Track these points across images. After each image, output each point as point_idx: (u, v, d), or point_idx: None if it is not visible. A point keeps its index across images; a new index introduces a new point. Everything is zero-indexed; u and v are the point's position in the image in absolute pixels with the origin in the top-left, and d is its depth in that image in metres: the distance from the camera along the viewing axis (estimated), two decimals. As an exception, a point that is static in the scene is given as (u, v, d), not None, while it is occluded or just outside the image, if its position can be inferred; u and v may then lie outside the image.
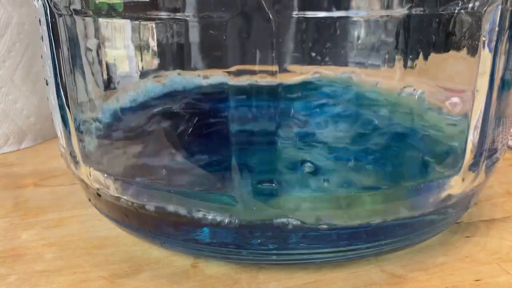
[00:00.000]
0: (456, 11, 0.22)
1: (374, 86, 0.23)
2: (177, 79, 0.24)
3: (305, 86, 0.23)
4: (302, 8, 0.20)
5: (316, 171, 0.23)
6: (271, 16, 0.20)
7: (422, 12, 0.21)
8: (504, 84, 0.25)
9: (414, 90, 0.23)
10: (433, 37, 0.22)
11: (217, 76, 0.22)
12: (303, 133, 0.23)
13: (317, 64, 0.23)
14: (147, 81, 0.24)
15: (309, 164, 0.22)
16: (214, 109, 0.24)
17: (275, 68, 0.21)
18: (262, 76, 0.21)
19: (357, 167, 0.23)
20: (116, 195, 0.25)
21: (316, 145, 0.23)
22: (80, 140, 0.26)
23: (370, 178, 0.24)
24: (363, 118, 0.24)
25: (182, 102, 0.24)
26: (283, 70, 0.21)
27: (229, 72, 0.21)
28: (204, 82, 0.24)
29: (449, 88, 0.24)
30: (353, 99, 0.25)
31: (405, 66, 0.22)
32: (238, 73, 0.21)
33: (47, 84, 0.28)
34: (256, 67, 0.21)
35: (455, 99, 0.24)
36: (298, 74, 0.23)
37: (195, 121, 0.24)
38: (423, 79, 0.23)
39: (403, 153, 0.24)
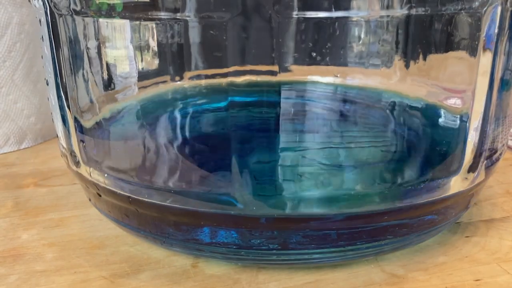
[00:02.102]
0: (456, 11, 0.22)
1: (373, 86, 0.23)
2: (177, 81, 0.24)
3: (305, 86, 0.23)
4: (302, 8, 0.20)
5: (315, 171, 0.23)
6: (271, 16, 0.20)
7: (422, 12, 0.21)
8: (504, 84, 0.25)
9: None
10: (433, 37, 0.22)
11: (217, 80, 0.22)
12: (304, 132, 0.23)
13: (317, 64, 0.23)
14: (147, 82, 0.24)
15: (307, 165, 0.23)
16: (214, 109, 0.24)
17: (275, 68, 0.21)
18: (263, 76, 0.21)
19: (357, 167, 0.24)
20: (115, 193, 0.25)
21: (315, 145, 0.23)
22: (80, 140, 0.26)
23: (370, 178, 0.24)
24: (363, 118, 0.24)
25: (182, 102, 0.24)
26: (283, 70, 0.21)
27: (229, 72, 0.21)
28: (204, 83, 0.24)
29: (449, 88, 0.24)
30: (352, 100, 0.25)
31: (405, 66, 0.22)
32: (238, 73, 0.21)
33: (47, 84, 0.28)
34: (257, 67, 0.21)
35: (455, 99, 0.24)
36: (299, 74, 0.23)
37: (195, 121, 0.24)
38: (423, 79, 0.23)
39: (403, 153, 0.24)
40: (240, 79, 0.21)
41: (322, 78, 0.24)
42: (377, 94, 0.24)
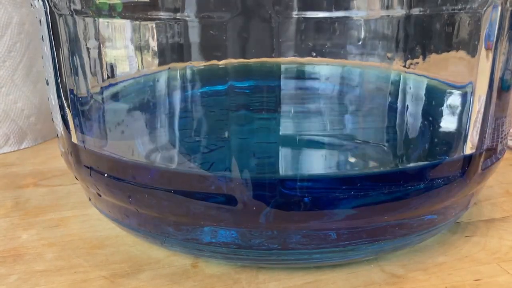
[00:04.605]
0: (456, 11, 0.22)
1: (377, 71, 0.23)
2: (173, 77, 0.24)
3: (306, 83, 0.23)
4: (302, 8, 0.20)
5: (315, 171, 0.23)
6: (271, 16, 0.20)
7: (422, 12, 0.21)
8: (504, 84, 0.25)
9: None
10: (433, 37, 0.22)
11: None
12: (304, 132, 0.23)
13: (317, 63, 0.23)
14: (146, 78, 0.24)
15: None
16: (214, 108, 0.24)
17: (275, 67, 0.21)
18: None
19: (358, 169, 0.24)
20: (115, 192, 0.25)
21: (314, 146, 0.23)
22: (81, 140, 0.26)
23: (371, 178, 0.24)
24: (366, 114, 0.24)
25: (181, 102, 0.24)
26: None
27: (228, 72, 0.21)
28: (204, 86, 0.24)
29: (449, 88, 0.24)
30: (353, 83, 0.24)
31: (404, 66, 0.22)
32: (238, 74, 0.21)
33: (47, 84, 0.28)
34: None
35: (455, 99, 0.24)
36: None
37: (195, 123, 0.24)
38: (422, 79, 0.23)
39: (403, 153, 0.24)
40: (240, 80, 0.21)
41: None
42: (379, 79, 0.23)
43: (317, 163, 0.23)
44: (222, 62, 0.21)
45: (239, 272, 0.26)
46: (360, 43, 0.22)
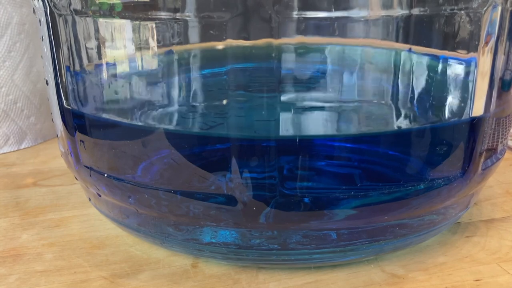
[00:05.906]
0: (456, 11, 0.22)
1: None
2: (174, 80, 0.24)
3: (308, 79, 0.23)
4: (302, 8, 0.20)
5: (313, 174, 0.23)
6: (271, 16, 0.20)
7: (422, 12, 0.21)
8: (504, 84, 0.25)
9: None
10: (433, 37, 0.22)
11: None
12: (303, 132, 0.23)
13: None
14: (147, 78, 0.24)
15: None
16: (214, 109, 0.24)
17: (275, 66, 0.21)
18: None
19: (357, 170, 0.24)
20: (115, 192, 0.25)
21: (315, 144, 0.23)
22: (80, 140, 0.26)
23: (372, 178, 0.24)
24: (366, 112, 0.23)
25: (181, 103, 0.24)
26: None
27: (228, 72, 0.21)
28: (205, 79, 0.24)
29: (449, 88, 0.24)
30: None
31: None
32: (237, 73, 0.21)
33: (47, 84, 0.28)
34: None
35: (455, 99, 0.24)
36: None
37: (195, 124, 0.24)
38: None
39: (403, 154, 0.24)
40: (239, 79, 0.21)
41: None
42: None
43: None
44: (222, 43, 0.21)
45: (239, 272, 0.26)
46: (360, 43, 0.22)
